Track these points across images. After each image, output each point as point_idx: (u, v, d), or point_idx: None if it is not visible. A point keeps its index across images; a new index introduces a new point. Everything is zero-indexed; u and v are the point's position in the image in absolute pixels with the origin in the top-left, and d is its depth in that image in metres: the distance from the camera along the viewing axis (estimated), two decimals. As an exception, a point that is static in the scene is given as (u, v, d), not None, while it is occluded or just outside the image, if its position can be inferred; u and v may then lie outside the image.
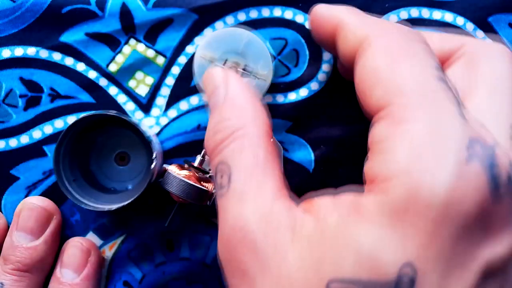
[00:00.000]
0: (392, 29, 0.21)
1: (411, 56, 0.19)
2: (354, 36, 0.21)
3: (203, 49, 0.28)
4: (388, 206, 0.17)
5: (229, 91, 0.23)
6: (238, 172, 0.20)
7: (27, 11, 0.29)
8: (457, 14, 0.30)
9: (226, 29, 0.28)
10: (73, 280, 0.28)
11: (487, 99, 0.21)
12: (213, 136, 0.22)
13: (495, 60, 0.22)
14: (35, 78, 0.29)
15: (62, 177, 0.27)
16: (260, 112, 0.22)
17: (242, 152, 0.21)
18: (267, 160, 0.21)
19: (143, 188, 0.27)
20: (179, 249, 0.30)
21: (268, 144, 0.21)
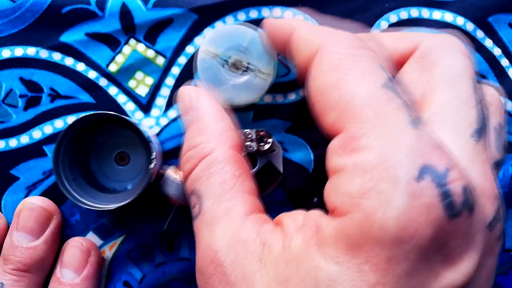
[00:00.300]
0: (341, 38, 0.21)
1: (357, 72, 0.19)
2: (307, 46, 0.21)
3: (207, 44, 0.28)
4: (345, 238, 0.17)
5: (198, 113, 0.24)
6: (207, 200, 0.21)
7: (27, 11, 0.29)
8: (457, 14, 0.30)
9: (231, 25, 0.28)
10: (73, 280, 0.28)
11: (445, 101, 0.20)
12: (184, 166, 0.23)
13: (450, 57, 0.22)
14: (35, 78, 0.29)
15: (62, 177, 0.27)
16: (227, 132, 0.23)
17: (209, 180, 0.22)
18: (234, 184, 0.21)
19: (142, 188, 0.27)
20: (179, 249, 0.30)
21: (235, 165, 0.22)
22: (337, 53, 0.20)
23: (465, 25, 0.30)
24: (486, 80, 0.30)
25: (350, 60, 0.19)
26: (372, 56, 0.20)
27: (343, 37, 0.21)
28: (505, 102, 0.30)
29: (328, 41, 0.20)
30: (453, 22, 0.30)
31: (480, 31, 0.30)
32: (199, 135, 0.23)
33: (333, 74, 0.19)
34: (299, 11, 0.30)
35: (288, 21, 0.24)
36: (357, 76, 0.19)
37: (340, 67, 0.19)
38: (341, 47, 0.20)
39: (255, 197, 0.22)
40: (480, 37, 0.30)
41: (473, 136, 0.20)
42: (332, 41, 0.20)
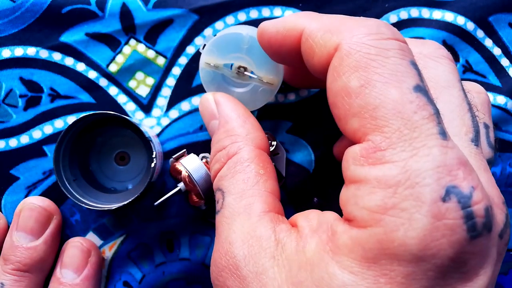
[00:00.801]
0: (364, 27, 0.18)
1: (386, 73, 0.17)
2: (322, 45, 0.19)
3: (206, 57, 0.26)
4: (361, 250, 0.17)
5: (223, 117, 0.24)
6: (230, 196, 0.22)
7: (27, 11, 0.29)
8: (457, 14, 0.30)
9: (225, 32, 0.26)
10: (73, 280, 0.28)
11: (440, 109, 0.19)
12: (213, 166, 0.24)
13: (434, 65, 0.21)
14: (35, 78, 0.29)
15: (62, 177, 0.27)
16: (253, 133, 0.24)
17: (234, 177, 0.22)
18: (257, 181, 0.22)
19: (143, 187, 0.27)
20: (179, 250, 0.30)
21: (260, 164, 0.22)
22: (362, 47, 0.17)
23: (466, 25, 0.30)
24: (486, 79, 0.30)
25: (379, 55, 0.17)
26: (404, 50, 0.18)
27: (366, 26, 0.18)
28: (505, 101, 0.30)
29: (348, 34, 0.18)
30: (454, 22, 0.30)
31: (480, 31, 0.30)
32: (226, 137, 0.24)
33: (358, 75, 0.17)
34: (300, 11, 0.30)
35: (292, 20, 0.21)
36: (386, 76, 0.17)
37: (366, 66, 0.17)
38: (366, 39, 0.18)
39: (275, 197, 0.22)
40: (480, 36, 0.30)
41: (473, 141, 0.20)
42: (354, 33, 0.18)
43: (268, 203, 0.21)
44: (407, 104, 0.17)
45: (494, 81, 0.30)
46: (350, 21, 0.19)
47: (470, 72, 0.30)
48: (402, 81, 0.17)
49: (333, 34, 0.19)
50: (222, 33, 0.26)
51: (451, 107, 0.20)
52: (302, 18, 0.21)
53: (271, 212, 0.21)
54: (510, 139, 0.30)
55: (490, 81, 0.30)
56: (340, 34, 0.18)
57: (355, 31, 0.18)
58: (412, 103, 0.17)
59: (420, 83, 0.17)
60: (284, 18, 0.22)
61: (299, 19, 0.21)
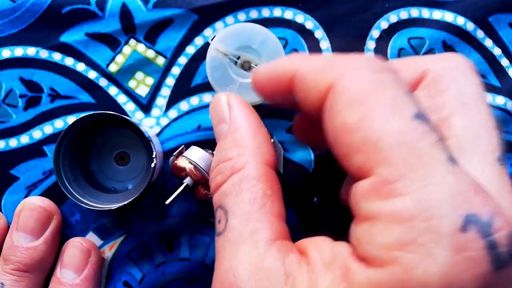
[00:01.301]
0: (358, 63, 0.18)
1: (384, 104, 0.17)
2: (316, 85, 0.19)
3: (218, 43, 0.27)
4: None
5: (232, 124, 0.22)
6: (234, 217, 0.20)
7: (27, 11, 0.29)
8: (457, 14, 0.30)
9: (243, 24, 0.28)
10: (73, 280, 0.28)
11: (465, 126, 0.19)
12: (214, 178, 0.22)
13: (462, 80, 0.20)
14: (35, 78, 0.29)
15: (62, 177, 0.27)
16: (262, 147, 0.22)
17: (239, 196, 0.20)
18: (264, 203, 0.20)
19: (143, 187, 0.27)
20: (179, 250, 0.30)
21: (267, 184, 0.21)
22: (356, 83, 0.17)
23: (466, 25, 0.30)
24: (486, 80, 0.30)
25: (374, 89, 0.17)
26: (397, 82, 0.17)
27: (360, 62, 0.18)
28: (505, 101, 0.30)
29: (342, 71, 0.18)
30: (453, 22, 0.30)
31: (480, 31, 0.30)
32: (233, 147, 0.22)
33: (355, 110, 0.17)
34: (299, 11, 0.30)
35: (283, 64, 0.21)
36: (384, 109, 0.17)
37: (362, 100, 0.17)
38: (361, 74, 0.17)
39: (282, 221, 0.20)
40: (480, 36, 0.30)
41: (500, 160, 0.19)
42: (348, 69, 0.18)
43: (275, 229, 0.19)
44: (410, 132, 0.16)
45: (493, 82, 0.30)
46: (341, 59, 0.19)
47: (470, 72, 0.30)
48: (401, 110, 0.17)
49: (325, 73, 0.18)
50: (236, 24, 0.27)
51: (478, 125, 0.19)
52: (293, 60, 0.20)
53: (279, 240, 0.19)
54: (510, 139, 0.30)
55: (490, 82, 0.30)
56: (332, 73, 0.18)
57: (347, 68, 0.18)
58: (415, 130, 0.16)
59: (420, 111, 0.17)
60: (276, 63, 0.21)
61: (290, 62, 0.20)
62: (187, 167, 0.27)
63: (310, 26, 0.30)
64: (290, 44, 0.30)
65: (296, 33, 0.30)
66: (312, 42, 0.30)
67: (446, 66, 0.21)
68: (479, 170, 0.18)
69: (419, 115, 0.17)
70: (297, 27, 0.30)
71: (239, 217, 0.20)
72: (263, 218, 0.20)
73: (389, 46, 0.30)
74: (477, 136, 0.19)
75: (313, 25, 0.30)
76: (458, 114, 0.19)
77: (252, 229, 0.19)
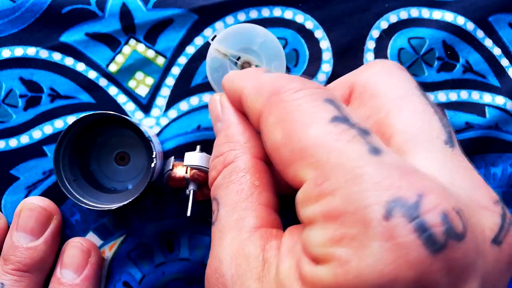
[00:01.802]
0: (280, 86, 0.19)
1: (303, 116, 0.18)
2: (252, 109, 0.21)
3: (219, 43, 0.27)
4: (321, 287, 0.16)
5: (224, 122, 0.24)
6: (223, 207, 0.21)
7: (27, 11, 0.29)
8: (457, 14, 0.30)
9: (243, 25, 0.28)
10: (73, 280, 0.28)
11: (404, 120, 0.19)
12: (210, 173, 0.23)
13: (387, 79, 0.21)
14: (35, 78, 0.29)
15: (62, 177, 0.27)
16: (252, 141, 0.23)
17: (228, 187, 0.21)
18: (251, 193, 0.21)
19: (143, 187, 0.27)
20: (179, 250, 0.30)
21: (256, 175, 0.22)
22: (278, 105, 0.19)
23: (466, 25, 0.30)
24: (485, 80, 0.30)
25: (292, 107, 0.18)
26: (314, 93, 0.19)
27: (283, 85, 0.19)
28: (505, 101, 0.30)
29: (267, 95, 0.19)
30: (453, 22, 0.30)
31: (480, 31, 0.30)
32: (225, 143, 0.23)
33: (280, 128, 0.18)
34: (299, 11, 0.30)
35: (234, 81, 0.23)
36: (302, 121, 0.18)
37: (284, 119, 0.18)
38: (281, 97, 0.19)
39: (270, 209, 0.21)
40: (480, 36, 0.30)
41: (447, 143, 0.19)
42: (272, 93, 0.19)
43: (261, 218, 0.20)
44: (327, 135, 0.17)
45: (493, 82, 0.30)
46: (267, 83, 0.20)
47: (470, 72, 0.30)
48: (318, 117, 0.18)
49: (257, 98, 0.20)
50: (237, 25, 0.28)
51: (416, 115, 0.20)
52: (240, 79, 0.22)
53: (263, 228, 0.20)
54: (510, 139, 0.30)
55: (489, 82, 0.30)
56: (260, 98, 0.20)
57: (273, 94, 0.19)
58: (330, 133, 0.17)
59: (337, 114, 0.18)
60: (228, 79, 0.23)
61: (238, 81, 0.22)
62: (189, 174, 0.27)
63: (310, 26, 0.30)
64: (290, 44, 0.30)
65: (296, 33, 0.30)
66: (312, 42, 0.30)
67: (368, 74, 0.22)
68: (429, 158, 0.18)
69: (335, 118, 0.17)
70: (297, 27, 0.30)
71: (227, 206, 0.21)
72: (249, 207, 0.21)
73: (389, 46, 0.30)
74: (418, 127, 0.19)
75: (313, 25, 0.30)
76: (394, 112, 0.20)
77: (237, 218, 0.20)
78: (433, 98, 0.30)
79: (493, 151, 0.30)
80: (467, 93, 0.30)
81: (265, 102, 0.19)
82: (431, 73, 0.30)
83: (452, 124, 0.30)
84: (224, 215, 0.21)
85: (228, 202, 0.21)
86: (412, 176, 0.16)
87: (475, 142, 0.30)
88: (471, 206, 0.17)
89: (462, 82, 0.30)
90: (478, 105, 0.30)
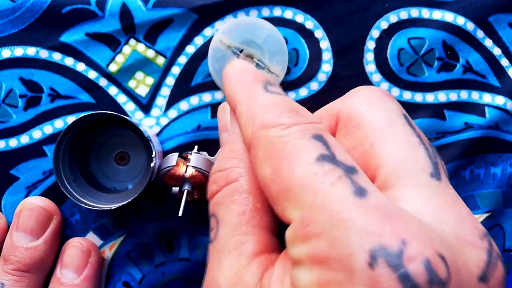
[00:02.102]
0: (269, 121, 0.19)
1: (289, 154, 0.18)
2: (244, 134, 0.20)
3: (223, 34, 0.27)
4: None
5: (230, 135, 0.23)
6: (223, 228, 0.21)
7: (27, 11, 0.29)
8: (457, 14, 0.30)
9: (250, 18, 0.28)
10: (73, 280, 0.28)
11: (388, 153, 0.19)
12: (210, 186, 0.23)
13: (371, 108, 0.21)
14: (35, 78, 0.29)
15: (62, 177, 0.27)
16: None
17: (230, 207, 0.21)
18: (253, 217, 0.21)
19: (143, 187, 0.27)
20: (179, 250, 0.30)
21: (259, 197, 0.21)
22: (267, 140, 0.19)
23: (466, 25, 0.30)
24: (485, 80, 0.30)
25: (280, 143, 0.18)
26: (303, 130, 0.18)
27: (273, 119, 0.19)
28: (505, 102, 0.30)
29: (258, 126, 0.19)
30: (453, 22, 0.30)
31: (480, 31, 0.30)
32: (229, 158, 0.22)
33: (268, 163, 0.18)
34: (299, 11, 0.30)
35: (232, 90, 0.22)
36: (289, 159, 0.18)
37: (272, 155, 0.18)
38: (270, 132, 0.19)
39: (271, 233, 0.21)
40: (480, 36, 0.30)
41: (433, 175, 0.19)
42: (262, 125, 0.19)
43: (261, 243, 0.20)
44: (313, 177, 0.17)
45: (493, 82, 0.30)
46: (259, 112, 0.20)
47: (470, 73, 0.30)
48: (304, 156, 0.17)
49: (248, 125, 0.20)
50: (243, 17, 0.28)
51: (400, 147, 0.19)
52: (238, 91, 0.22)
53: (263, 255, 0.20)
54: (510, 139, 0.30)
55: (489, 82, 0.30)
56: (252, 127, 0.19)
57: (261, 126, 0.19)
58: (316, 174, 0.17)
59: (324, 152, 0.18)
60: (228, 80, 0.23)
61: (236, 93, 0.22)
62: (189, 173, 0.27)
63: (310, 26, 0.30)
64: (290, 44, 0.30)
65: (296, 32, 0.30)
66: (312, 42, 0.30)
67: (352, 102, 0.21)
68: (414, 193, 0.18)
69: (322, 156, 0.17)
70: (297, 26, 0.30)
71: (228, 227, 0.20)
72: (250, 231, 0.20)
73: (389, 46, 0.30)
74: (402, 160, 0.19)
75: (313, 25, 0.30)
76: (378, 144, 0.19)
77: (237, 241, 0.20)
78: (433, 97, 0.30)
79: (493, 151, 0.30)
80: (467, 93, 0.30)
81: (255, 133, 0.19)
82: (431, 73, 0.30)
83: (452, 124, 0.30)
84: (224, 236, 0.20)
85: (228, 223, 0.21)
86: (395, 220, 0.16)
87: (475, 142, 0.30)
88: (456, 244, 0.16)
89: (462, 82, 0.30)
90: (478, 105, 0.30)
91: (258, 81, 0.22)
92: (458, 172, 0.30)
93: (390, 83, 0.30)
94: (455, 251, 0.16)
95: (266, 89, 0.21)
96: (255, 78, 0.22)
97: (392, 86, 0.30)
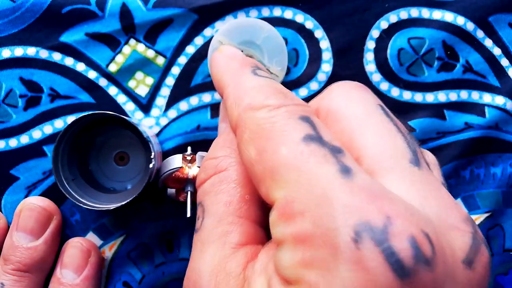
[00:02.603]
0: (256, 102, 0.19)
1: (275, 134, 0.18)
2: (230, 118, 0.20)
3: (222, 35, 0.27)
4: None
5: (227, 125, 0.23)
6: (209, 217, 0.20)
7: (27, 11, 0.29)
8: (457, 14, 0.30)
9: (249, 19, 0.28)
10: (73, 280, 0.28)
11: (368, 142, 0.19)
12: (200, 173, 0.22)
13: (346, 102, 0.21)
14: (35, 78, 0.29)
15: (61, 177, 0.27)
16: None
17: (217, 196, 0.21)
18: (240, 207, 0.20)
19: (142, 187, 0.27)
20: (179, 250, 0.30)
21: (247, 188, 0.21)
22: (253, 121, 0.18)
23: (465, 25, 0.30)
24: (485, 80, 0.30)
25: (266, 124, 0.18)
26: (289, 111, 0.18)
27: (261, 100, 0.19)
28: (505, 101, 0.30)
29: (245, 107, 0.19)
30: (453, 22, 0.30)
31: (480, 31, 0.30)
32: (222, 147, 0.22)
33: (253, 144, 0.18)
34: (299, 11, 0.30)
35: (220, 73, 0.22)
36: (275, 139, 0.18)
37: (258, 136, 0.18)
38: (257, 113, 0.19)
39: (258, 225, 0.21)
40: (480, 36, 0.30)
41: (412, 162, 0.18)
42: (249, 106, 0.19)
43: (247, 234, 0.20)
44: (298, 156, 0.17)
45: (493, 82, 0.30)
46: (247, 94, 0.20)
47: (470, 73, 0.30)
48: (290, 136, 0.17)
49: (235, 107, 0.20)
50: (242, 18, 0.28)
51: (378, 136, 0.19)
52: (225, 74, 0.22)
53: (248, 245, 0.20)
54: (510, 139, 0.30)
55: (489, 82, 0.30)
56: (238, 108, 0.19)
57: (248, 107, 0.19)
58: (302, 153, 0.17)
59: (310, 132, 0.17)
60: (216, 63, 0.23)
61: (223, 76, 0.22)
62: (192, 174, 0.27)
63: (310, 26, 0.30)
64: (290, 44, 0.30)
65: (296, 32, 0.30)
66: (312, 42, 0.30)
67: (329, 98, 0.21)
68: (395, 180, 0.18)
69: (308, 136, 0.17)
70: (297, 26, 0.30)
71: (213, 217, 0.20)
72: (236, 222, 0.20)
73: (389, 46, 0.30)
74: (381, 148, 0.19)
75: (313, 25, 0.30)
76: (357, 135, 0.19)
77: (222, 231, 0.20)
78: (433, 97, 0.30)
79: (493, 151, 0.30)
80: (467, 93, 0.30)
81: (241, 114, 0.19)
82: (431, 73, 0.30)
83: (452, 124, 0.30)
84: (208, 225, 0.20)
85: (214, 212, 0.20)
86: (381, 199, 0.15)
87: (475, 142, 0.30)
88: (440, 227, 0.16)
89: (462, 82, 0.30)
90: (478, 105, 0.30)
91: (246, 65, 0.22)
92: (458, 172, 0.30)
93: (390, 83, 0.30)
94: (440, 233, 0.16)
95: (254, 72, 0.21)
96: (243, 62, 0.22)
97: (392, 86, 0.30)
